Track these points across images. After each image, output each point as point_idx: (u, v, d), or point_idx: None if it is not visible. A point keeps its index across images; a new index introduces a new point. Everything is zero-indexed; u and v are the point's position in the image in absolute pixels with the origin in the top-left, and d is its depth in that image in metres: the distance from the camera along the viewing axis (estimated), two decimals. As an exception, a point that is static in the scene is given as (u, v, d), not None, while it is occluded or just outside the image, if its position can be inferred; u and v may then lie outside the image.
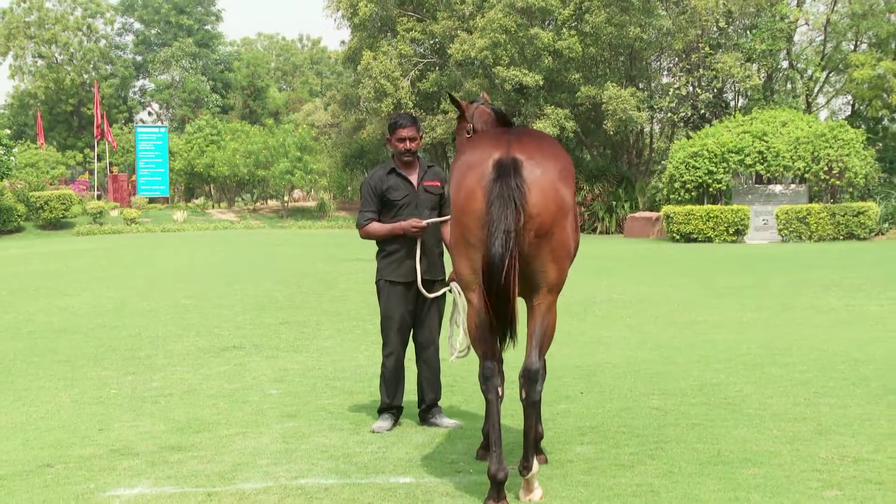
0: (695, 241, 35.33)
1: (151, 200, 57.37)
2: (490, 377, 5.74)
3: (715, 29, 45.94)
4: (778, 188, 37.55)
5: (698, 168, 36.77)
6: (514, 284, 5.47)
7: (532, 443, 5.78)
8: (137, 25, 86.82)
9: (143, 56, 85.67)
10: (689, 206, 36.12)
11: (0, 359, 11.44)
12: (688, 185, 37.01)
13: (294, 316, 15.10)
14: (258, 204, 65.64)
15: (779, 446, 6.82)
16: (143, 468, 6.59)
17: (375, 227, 7.80)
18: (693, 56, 45.80)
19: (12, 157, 46.30)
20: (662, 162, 45.70)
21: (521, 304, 5.73)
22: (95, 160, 61.75)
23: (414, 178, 7.86)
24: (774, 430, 7.27)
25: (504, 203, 5.42)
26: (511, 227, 5.39)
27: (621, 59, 48.13)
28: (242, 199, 68.40)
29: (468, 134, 7.10)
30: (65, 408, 8.63)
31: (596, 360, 10.64)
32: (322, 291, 18.83)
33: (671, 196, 37.89)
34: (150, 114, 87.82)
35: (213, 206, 62.38)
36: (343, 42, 60.24)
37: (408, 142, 7.79)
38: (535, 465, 5.80)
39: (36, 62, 76.75)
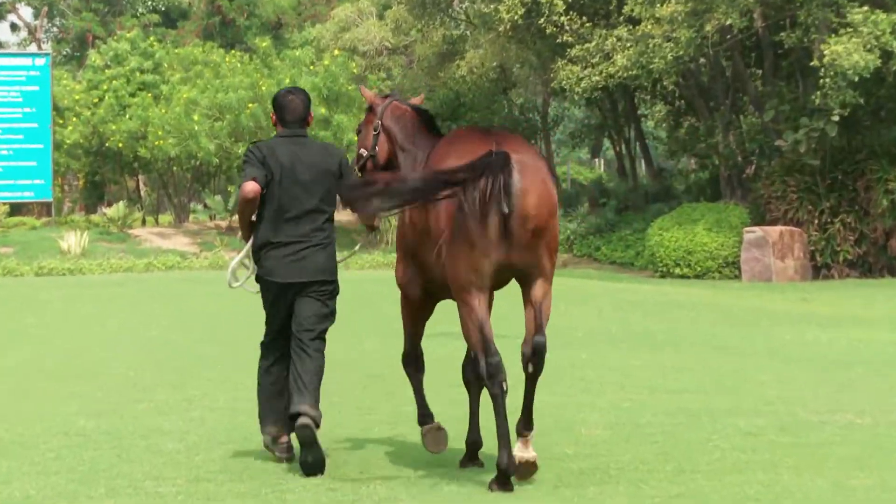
0: None
1: (14, 210, 39.08)
2: (495, 374, 6.98)
3: None
4: None
5: None
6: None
7: (531, 407, 7.21)
8: None
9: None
10: None
11: None
12: None
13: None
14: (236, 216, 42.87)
15: None
16: None
17: None
18: None
19: None
20: None
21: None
22: None
23: None
24: None
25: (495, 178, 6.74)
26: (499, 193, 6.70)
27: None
28: (205, 204, 44.37)
29: (375, 131, 7.96)
30: None
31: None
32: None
33: None
34: (13, 28, 62.03)
35: (143, 222, 41.60)
36: None
37: None
38: (534, 426, 7.31)
39: None
